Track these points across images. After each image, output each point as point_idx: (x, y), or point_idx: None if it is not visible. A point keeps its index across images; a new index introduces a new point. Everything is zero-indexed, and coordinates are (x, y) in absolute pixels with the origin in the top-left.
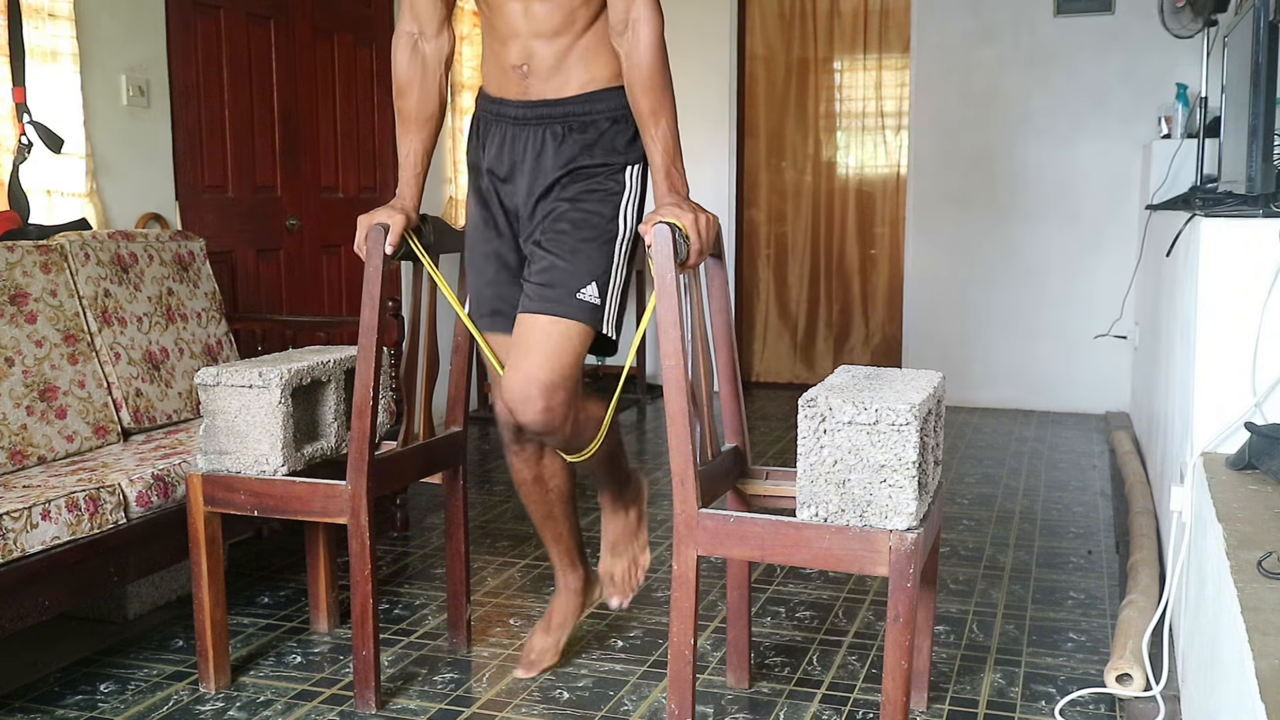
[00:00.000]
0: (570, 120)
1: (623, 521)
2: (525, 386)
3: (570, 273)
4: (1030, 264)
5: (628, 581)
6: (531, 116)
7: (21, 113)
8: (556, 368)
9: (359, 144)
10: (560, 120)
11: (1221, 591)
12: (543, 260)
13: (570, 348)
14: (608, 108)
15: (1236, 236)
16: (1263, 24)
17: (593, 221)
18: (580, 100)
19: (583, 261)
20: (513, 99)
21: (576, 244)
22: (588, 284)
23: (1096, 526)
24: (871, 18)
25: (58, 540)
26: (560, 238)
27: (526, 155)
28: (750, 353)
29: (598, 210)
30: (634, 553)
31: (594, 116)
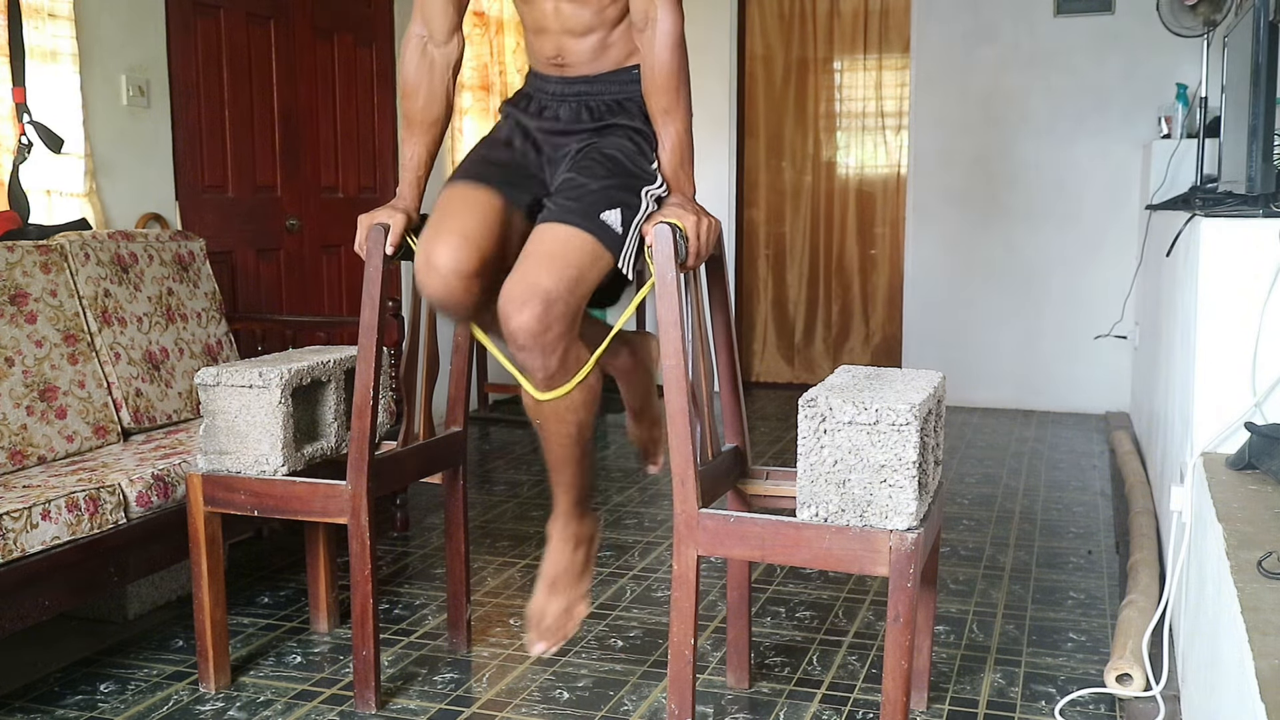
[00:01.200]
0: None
1: (568, 558)
2: (527, 289)
3: (597, 194)
4: (1030, 264)
5: (558, 628)
6: (570, 93)
7: (21, 113)
8: (564, 278)
9: (359, 144)
10: (598, 94)
11: (1221, 591)
12: (571, 182)
13: (581, 261)
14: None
15: (1236, 236)
16: (1263, 24)
17: (627, 162)
18: (617, 76)
19: (612, 190)
20: (552, 75)
21: (607, 174)
22: (613, 209)
23: (1096, 526)
24: (871, 18)
25: (58, 540)
26: (593, 166)
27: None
28: (750, 353)
29: (634, 154)
30: (572, 598)
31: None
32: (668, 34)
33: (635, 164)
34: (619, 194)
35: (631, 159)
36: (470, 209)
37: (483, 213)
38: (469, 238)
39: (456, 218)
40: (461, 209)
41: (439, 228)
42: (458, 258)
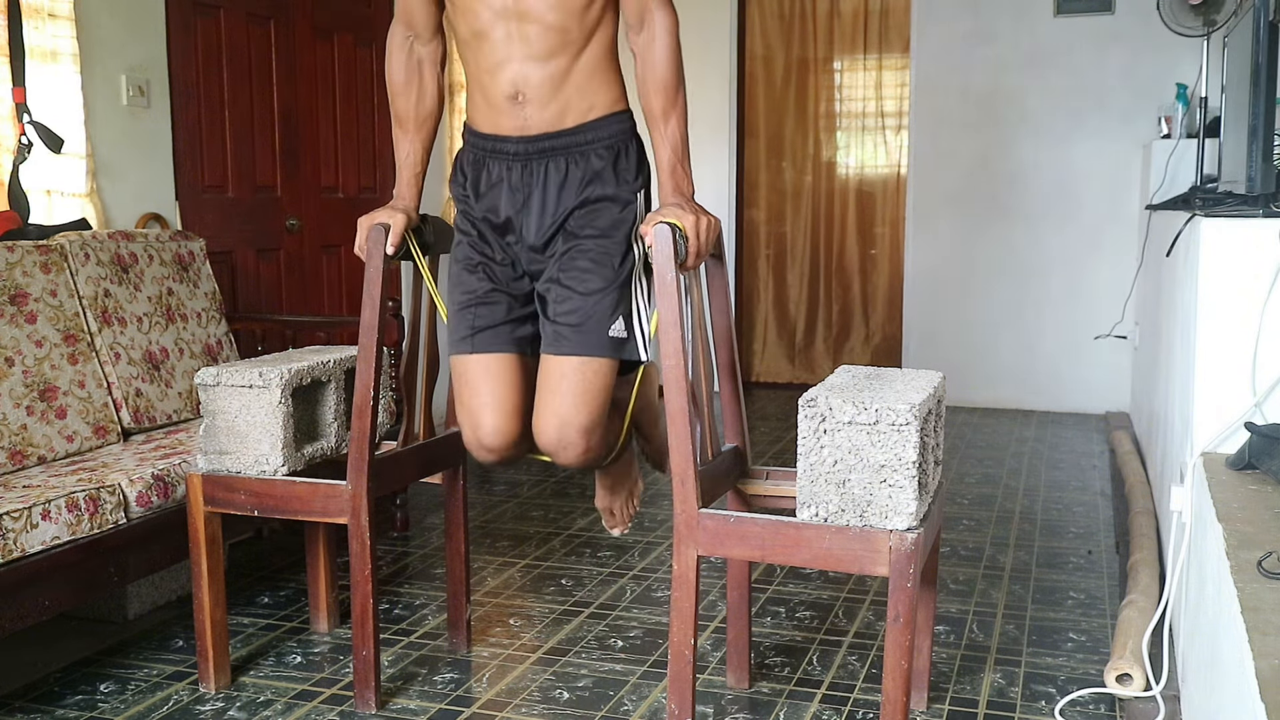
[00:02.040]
0: (573, 152)
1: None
2: (563, 431)
3: (599, 312)
4: (1030, 264)
5: (625, 512)
6: (534, 151)
7: (21, 113)
8: (593, 409)
9: (359, 144)
10: (563, 152)
11: (1221, 591)
12: (567, 300)
13: (603, 385)
14: (610, 134)
15: (1236, 236)
16: (1263, 24)
17: (610, 254)
18: (582, 130)
19: (609, 298)
20: (510, 134)
21: (599, 281)
22: (616, 320)
23: (1096, 526)
24: (871, 18)
25: (58, 540)
26: (584, 277)
27: (533, 194)
28: (750, 353)
29: (614, 242)
30: (630, 485)
31: (598, 146)
32: (666, 33)
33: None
34: (616, 296)
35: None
36: (491, 380)
37: (504, 378)
38: (504, 410)
39: (483, 394)
40: (483, 384)
41: (472, 408)
42: (503, 432)
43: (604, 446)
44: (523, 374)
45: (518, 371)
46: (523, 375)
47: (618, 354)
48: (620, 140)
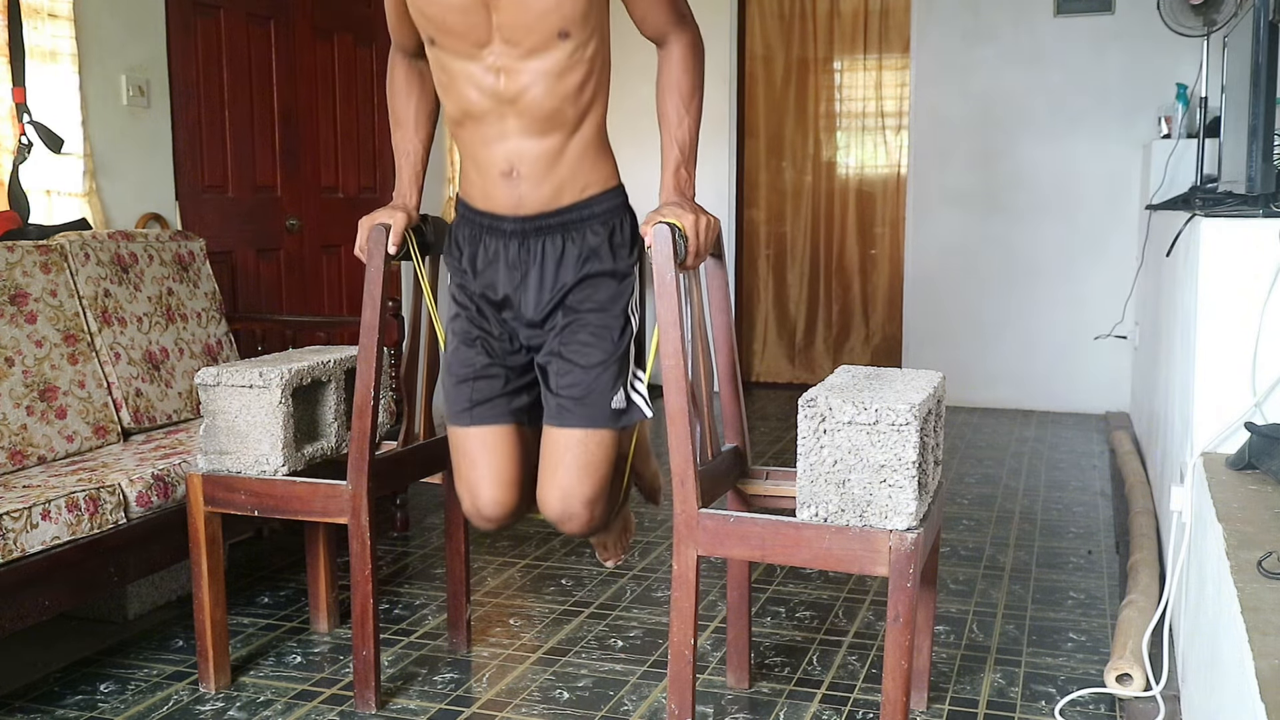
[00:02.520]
0: (570, 229)
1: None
2: (567, 503)
3: (601, 385)
4: (1030, 264)
5: (619, 545)
6: (530, 229)
7: (21, 113)
8: (597, 480)
9: (359, 144)
10: (560, 230)
11: (1221, 591)
12: (570, 374)
13: (607, 456)
14: (605, 210)
15: (1236, 236)
16: (1263, 24)
17: (610, 327)
18: (577, 208)
19: (610, 370)
20: (505, 213)
21: (600, 354)
22: (618, 391)
23: (1096, 526)
24: (871, 18)
25: (58, 540)
26: (585, 350)
27: (530, 270)
28: (750, 353)
29: (613, 316)
30: (624, 519)
31: (593, 223)
32: (688, 48)
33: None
34: (617, 368)
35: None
36: (488, 453)
37: (501, 450)
38: (502, 482)
39: (480, 466)
40: (480, 456)
41: (471, 480)
42: (501, 503)
43: (607, 513)
44: (520, 444)
45: (515, 443)
46: (520, 446)
47: (619, 424)
48: (615, 216)
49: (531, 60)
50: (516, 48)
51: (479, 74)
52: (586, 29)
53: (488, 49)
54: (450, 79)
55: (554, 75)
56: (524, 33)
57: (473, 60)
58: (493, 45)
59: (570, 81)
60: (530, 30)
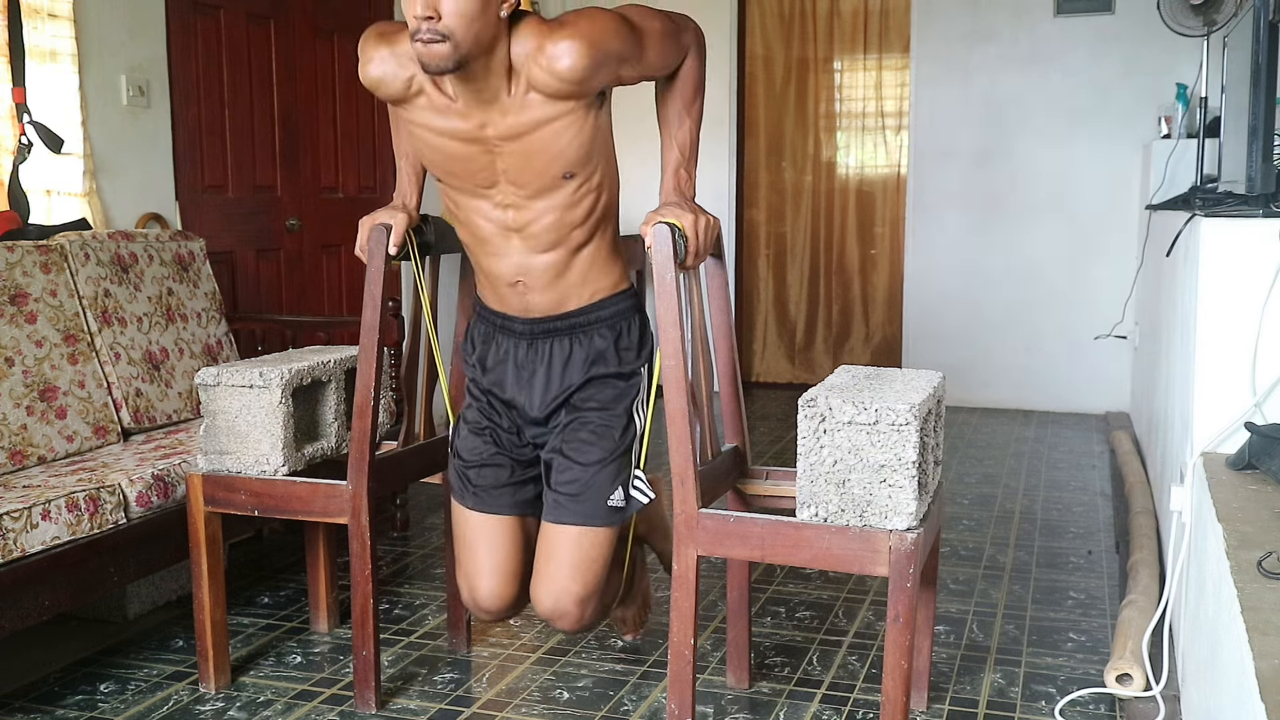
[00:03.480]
0: (577, 332)
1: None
2: (559, 601)
3: (599, 482)
4: (1030, 264)
5: (638, 619)
6: (539, 331)
7: (21, 113)
8: (589, 579)
9: (359, 144)
10: (567, 333)
11: (1221, 591)
12: (569, 470)
13: (602, 555)
14: (612, 314)
15: (1236, 236)
16: (1263, 24)
17: (612, 426)
18: (584, 311)
19: (609, 469)
20: (515, 314)
21: (600, 452)
22: (616, 490)
23: (1096, 526)
24: (871, 18)
25: (58, 540)
26: (585, 448)
27: (538, 371)
28: (750, 353)
29: (615, 415)
30: (642, 594)
31: (600, 326)
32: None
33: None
34: (616, 467)
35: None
36: (488, 544)
37: (501, 541)
38: (501, 575)
39: (480, 557)
40: (481, 547)
41: (470, 571)
42: (500, 596)
43: (601, 612)
44: (522, 537)
45: (517, 535)
46: (522, 538)
47: (616, 522)
48: (623, 319)
49: (538, 200)
50: (523, 189)
51: (487, 209)
52: (590, 166)
53: (495, 189)
54: (459, 209)
55: (561, 209)
56: (529, 177)
57: (480, 198)
58: (499, 186)
59: (578, 212)
60: (535, 175)
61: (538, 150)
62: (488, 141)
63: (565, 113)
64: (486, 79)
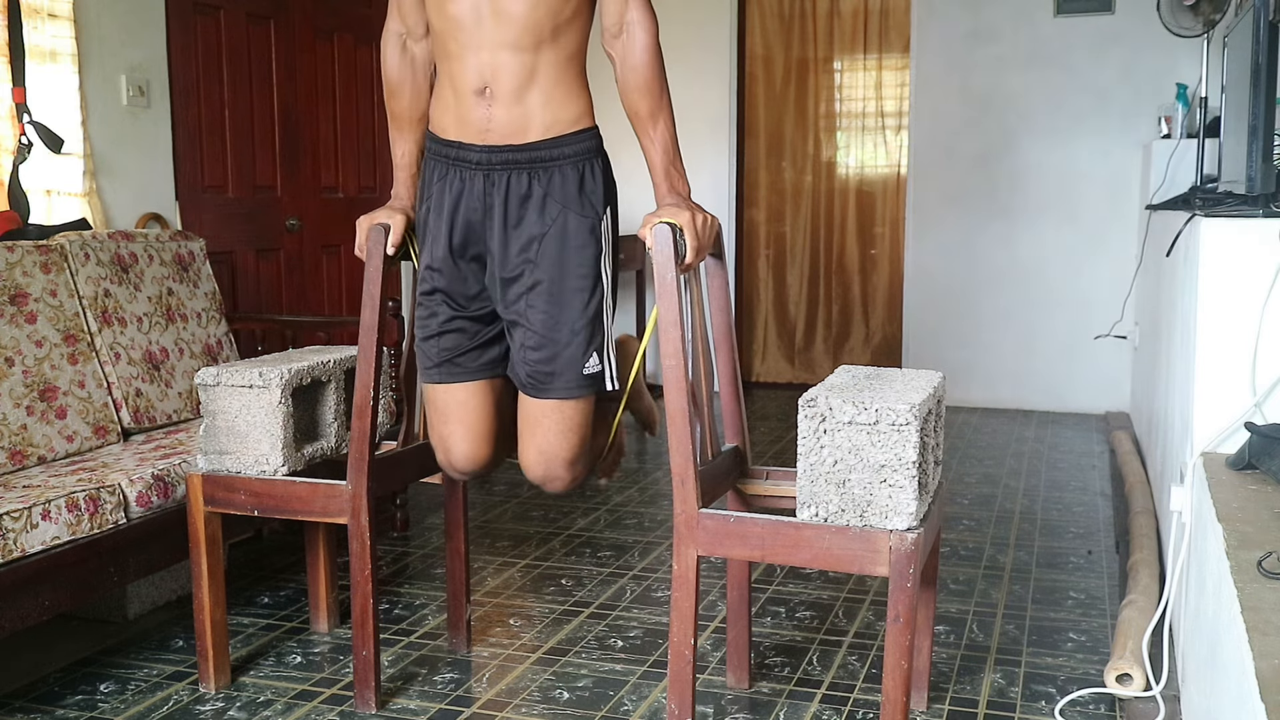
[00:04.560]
0: (536, 167)
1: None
2: (549, 466)
3: (571, 352)
4: (1030, 264)
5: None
6: (496, 162)
7: (21, 113)
8: (575, 442)
9: (359, 144)
10: (526, 166)
11: (1221, 591)
12: (536, 339)
13: (585, 419)
14: (574, 151)
15: (1236, 236)
16: (1263, 24)
17: (580, 289)
18: (545, 145)
19: (580, 335)
20: (473, 142)
21: (572, 323)
22: (590, 357)
23: (1096, 526)
24: (871, 18)
25: (58, 540)
26: (553, 321)
27: (494, 205)
28: (750, 353)
29: (583, 275)
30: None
31: (561, 162)
32: (645, 39)
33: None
34: (588, 331)
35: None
36: (459, 408)
37: (471, 405)
38: (474, 437)
39: (452, 422)
40: (452, 412)
41: (443, 434)
42: (473, 458)
43: (590, 465)
44: (492, 398)
45: (487, 397)
46: (492, 399)
47: (594, 389)
48: (586, 158)
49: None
50: None
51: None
52: None
53: None
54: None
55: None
56: None
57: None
58: None
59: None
60: None
61: None
62: None
63: None
64: None
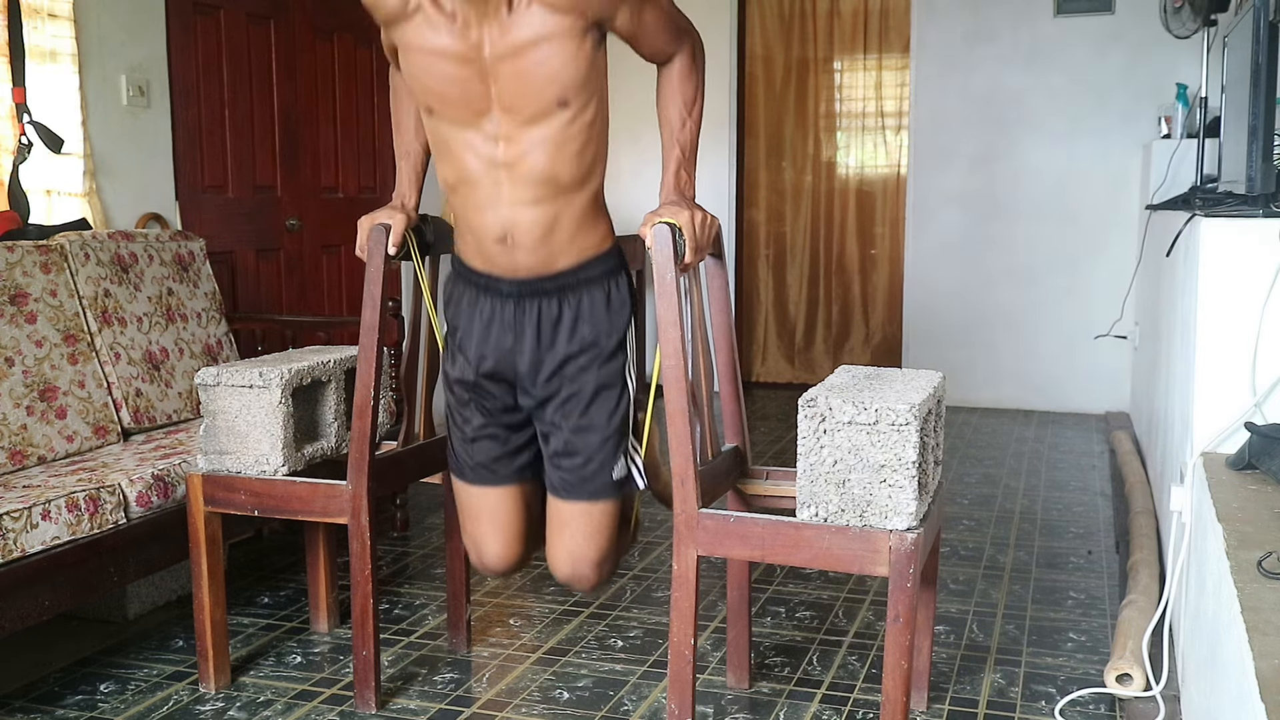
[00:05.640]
0: (566, 292)
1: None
2: (576, 567)
3: (602, 459)
4: (1031, 264)
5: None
6: (526, 292)
7: (21, 113)
8: (602, 543)
9: (359, 144)
10: (555, 293)
11: (1221, 591)
12: (571, 454)
13: (611, 522)
14: (600, 273)
15: (1236, 236)
16: (1263, 24)
17: (608, 399)
18: (572, 272)
19: (610, 442)
20: (501, 275)
21: (600, 428)
22: (618, 461)
23: (1096, 526)
24: (871, 18)
25: (58, 540)
26: (585, 424)
27: (525, 331)
28: (750, 353)
29: (611, 387)
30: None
31: (589, 285)
32: (691, 59)
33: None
34: (616, 439)
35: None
36: (490, 512)
37: (503, 509)
38: (506, 539)
39: (484, 524)
40: (484, 515)
41: (475, 536)
42: (505, 558)
43: (615, 565)
44: (522, 502)
45: (518, 501)
46: (522, 503)
47: (622, 493)
48: (610, 278)
49: (531, 128)
50: (516, 116)
51: (478, 141)
52: (585, 95)
53: (486, 117)
54: (447, 146)
55: (554, 143)
56: (523, 102)
57: (471, 128)
58: (492, 114)
59: (570, 149)
60: (529, 100)
61: (533, 70)
62: (483, 62)
63: (563, 32)
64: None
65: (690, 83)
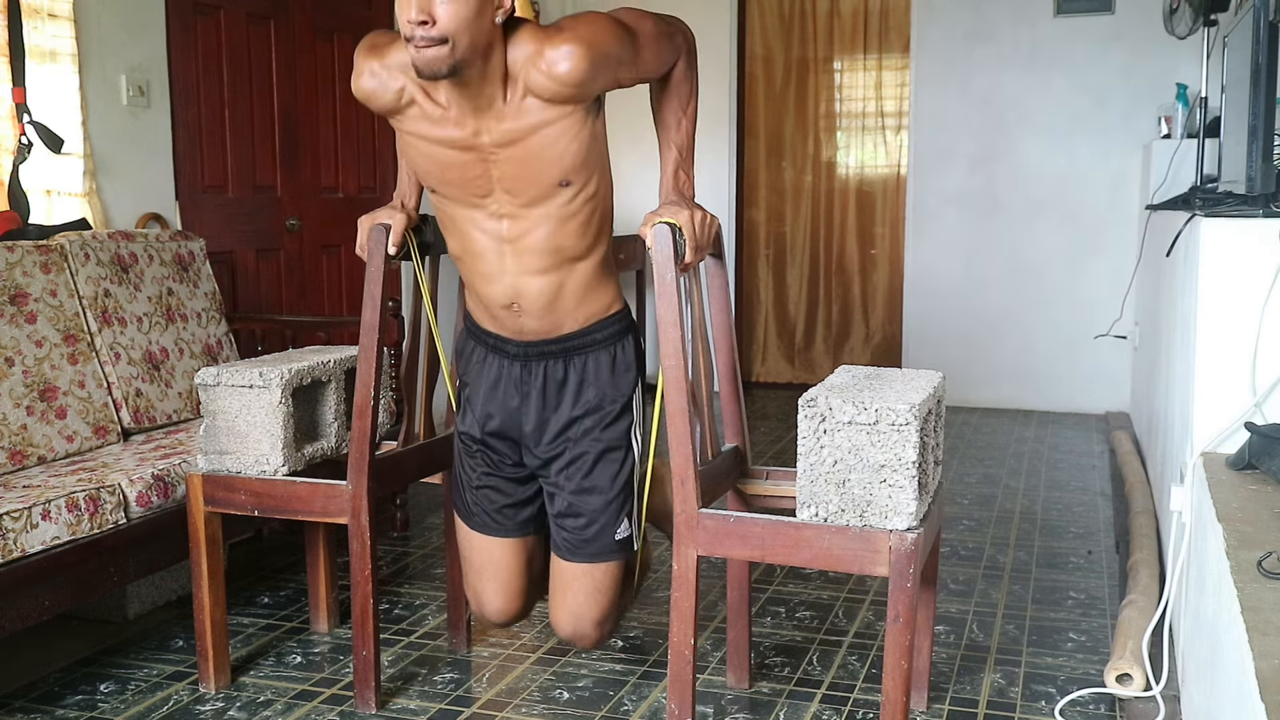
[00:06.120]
0: (572, 355)
1: None
2: (579, 625)
3: (604, 521)
4: (1030, 264)
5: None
6: (533, 354)
7: (21, 113)
8: (605, 602)
9: (359, 144)
10: (561, 355)
11: (1221, 591)
12: (572, 506)
13: (615, 581)
14: (607, 336)
15: (1236, 236)
16: (1263, 24)
17: (612, 461)
18: (579, 335)
19: (614, 504)
20: (509, 336)
21: (604, 490)
22: (621, 523)
23: (1096, 526)
24: (871, 18)
25: (58, 540)
26: (588, 488)
27: (531, 393)
28: (750, 353)
29: (614, 446)
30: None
31: (595, 348)
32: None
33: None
34: (620, 500)
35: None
36: (493, 565)
37: (505, 563)
38: (508, 593)
39: (486, 577)
40: (487, 568)
41: (477, 588)
42: (507, 612)
43: (617, 623)
44: (525, 556)
45: (520, 554)
46: (525, 557)
47: (625, 554)
48: (617, 340)
49: (534, 208)
50: (518, 197)
51: (482, 219)
52: (587, 172)
53: (490, 198)
54: (453, 221)
55: (557, 219)
56: (525, 185)
57: (475, 208)
58: (495, 195)
59: (574, 224)
60: (531, 183)
61: (534, 156)
62: (483, 149)
63: (562, 117)
64: (482, 85)
65: (685, 84)
